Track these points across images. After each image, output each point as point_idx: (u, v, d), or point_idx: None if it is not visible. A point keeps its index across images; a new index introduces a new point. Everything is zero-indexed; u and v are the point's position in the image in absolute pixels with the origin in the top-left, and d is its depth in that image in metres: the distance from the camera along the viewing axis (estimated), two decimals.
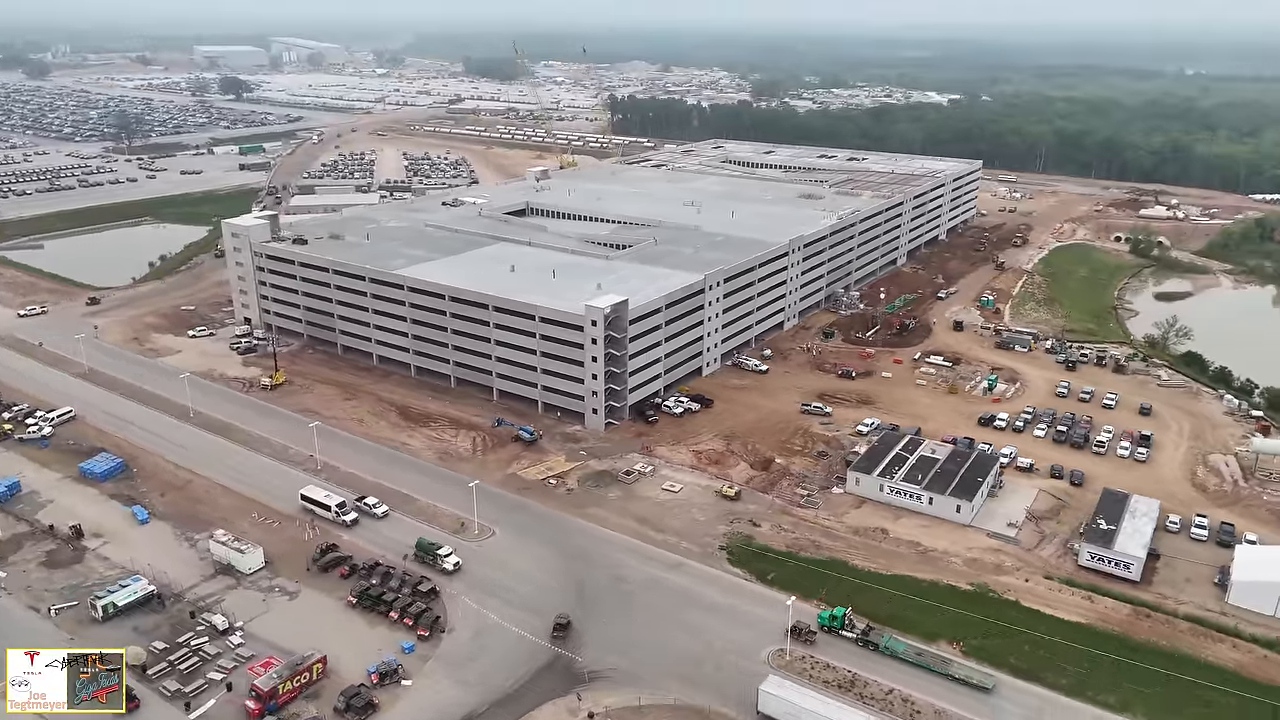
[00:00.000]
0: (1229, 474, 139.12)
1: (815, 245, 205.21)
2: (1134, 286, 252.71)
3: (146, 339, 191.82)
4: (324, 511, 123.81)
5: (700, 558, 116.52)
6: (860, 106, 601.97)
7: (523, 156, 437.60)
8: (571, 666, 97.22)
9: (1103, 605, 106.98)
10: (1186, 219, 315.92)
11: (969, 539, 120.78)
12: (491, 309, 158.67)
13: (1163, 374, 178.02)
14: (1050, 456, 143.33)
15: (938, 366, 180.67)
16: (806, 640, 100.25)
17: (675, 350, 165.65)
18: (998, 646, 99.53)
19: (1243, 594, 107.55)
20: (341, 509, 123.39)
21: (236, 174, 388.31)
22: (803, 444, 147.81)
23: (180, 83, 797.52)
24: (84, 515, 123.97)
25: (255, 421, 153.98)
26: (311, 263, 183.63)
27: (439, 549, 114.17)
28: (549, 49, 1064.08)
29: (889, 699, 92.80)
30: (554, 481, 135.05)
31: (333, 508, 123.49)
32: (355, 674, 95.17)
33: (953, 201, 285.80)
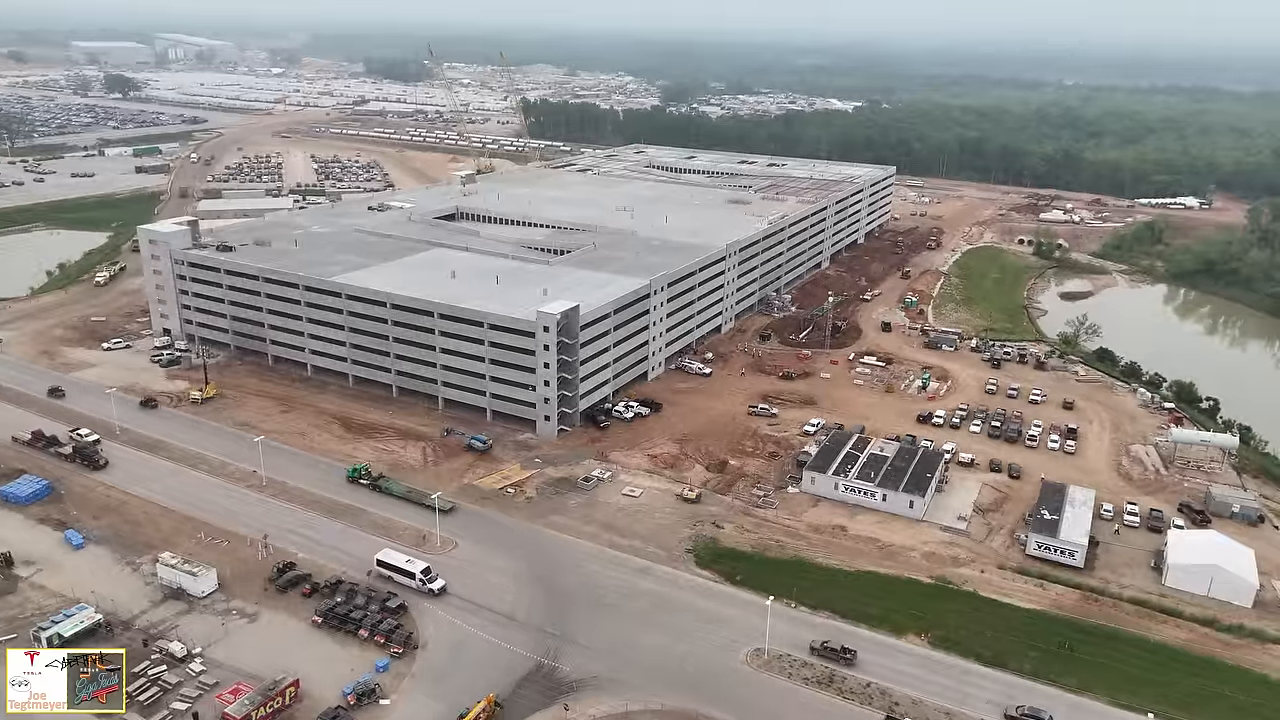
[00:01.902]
0: (1150, 463, 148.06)
1: (750, 249, 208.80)
2: (1040, 286, 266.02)
3: (57, 353, 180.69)
4: (405, 579, 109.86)
5: (668, 561, 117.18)
6: (768, 113, 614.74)
7: (437, 159, 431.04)
8: (554, 676, 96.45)
9: (1054, 592, 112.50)
10: (1082, 222, 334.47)
11: (923, 533, 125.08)
12: (437, 316, 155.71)
13: (1079, 370, 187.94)
14: (988, 451, 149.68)
15: (872, 367, 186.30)
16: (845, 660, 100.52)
17: (623, 355, 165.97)
18: (964, 636, 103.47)
19: (1178, 577, 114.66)
20: (427, 575, 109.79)
21: (133, 176, 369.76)
22: (753, 445, 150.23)
23: (59, 80, 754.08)
24: (11, 541, 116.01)
25: (189, 437, 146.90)
26: (239, 271, 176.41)
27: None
28: (450, 50, 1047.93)
29: (867, 691, 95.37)
30: (512, 490, 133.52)
31: (416, 574, 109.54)
32: (330, 696, 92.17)
33: (870, 206, 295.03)
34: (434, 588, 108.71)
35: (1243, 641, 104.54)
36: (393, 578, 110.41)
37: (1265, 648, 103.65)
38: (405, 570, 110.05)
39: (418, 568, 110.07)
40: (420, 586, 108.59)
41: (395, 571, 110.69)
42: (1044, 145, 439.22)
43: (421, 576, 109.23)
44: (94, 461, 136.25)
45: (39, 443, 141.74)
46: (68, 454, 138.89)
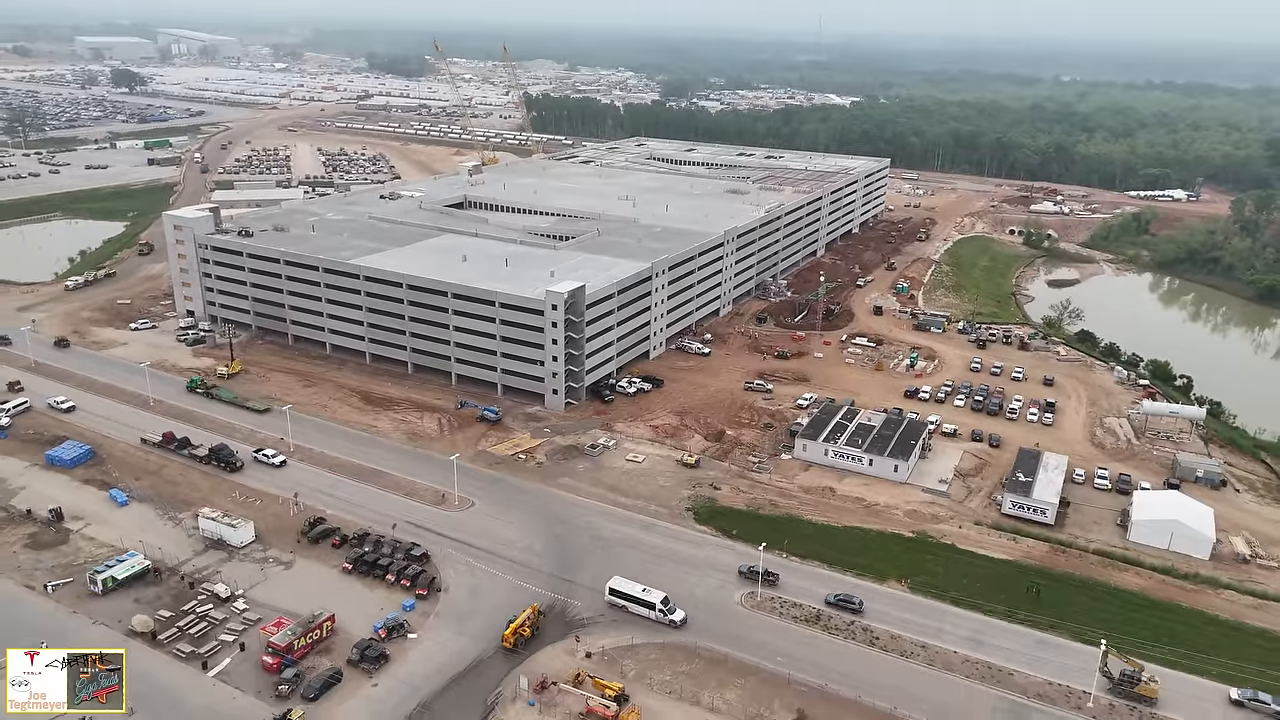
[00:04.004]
0: (1123, 434, 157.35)
1: (747, 236, 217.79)
2: (1029, 275, 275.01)
3: (88, 333, 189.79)
4: (642, 609, 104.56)
5: (669, 518, 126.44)
6: (767, 108, 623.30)
7: (441, 152, 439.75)
8: (565, 614, 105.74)
9: (1025, 545, 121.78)
10: (1072, 214, 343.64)
11: (906, 495, 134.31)
12: (450, 296, 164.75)
13: (1061, 350, 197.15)
14: (970, 423, 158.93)
15: (863, 347, 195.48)
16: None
17: (627, 334, 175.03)
18: (941, 582, 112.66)
19: (1141, 532, 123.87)
20: (666, 605, 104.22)
21: (146, 169, 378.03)
22: (749, 417, 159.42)
23: (66, 75, 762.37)
24: (60, 499, 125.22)
25: (218, 408, 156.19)
26: (261, 254, 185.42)
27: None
28: (451, 46, 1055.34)
29: (850, 628, 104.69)
30: (524, 456, 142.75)
31: (656, 605, 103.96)
32: (362, 631, 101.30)
33: (865, 197, 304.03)
34: (675, 619, 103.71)
35: (1197, 587, 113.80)
36: (627, 608, 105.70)
37: (1218, 593, 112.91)
38: (643, 600, 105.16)
39: (656, 598, 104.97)
40: (661, 618, 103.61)
41: (630, 601, 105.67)
42: (1037, 139, 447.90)
43: (661, 607, 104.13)
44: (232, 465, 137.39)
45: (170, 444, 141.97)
46: (203, 454, 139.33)
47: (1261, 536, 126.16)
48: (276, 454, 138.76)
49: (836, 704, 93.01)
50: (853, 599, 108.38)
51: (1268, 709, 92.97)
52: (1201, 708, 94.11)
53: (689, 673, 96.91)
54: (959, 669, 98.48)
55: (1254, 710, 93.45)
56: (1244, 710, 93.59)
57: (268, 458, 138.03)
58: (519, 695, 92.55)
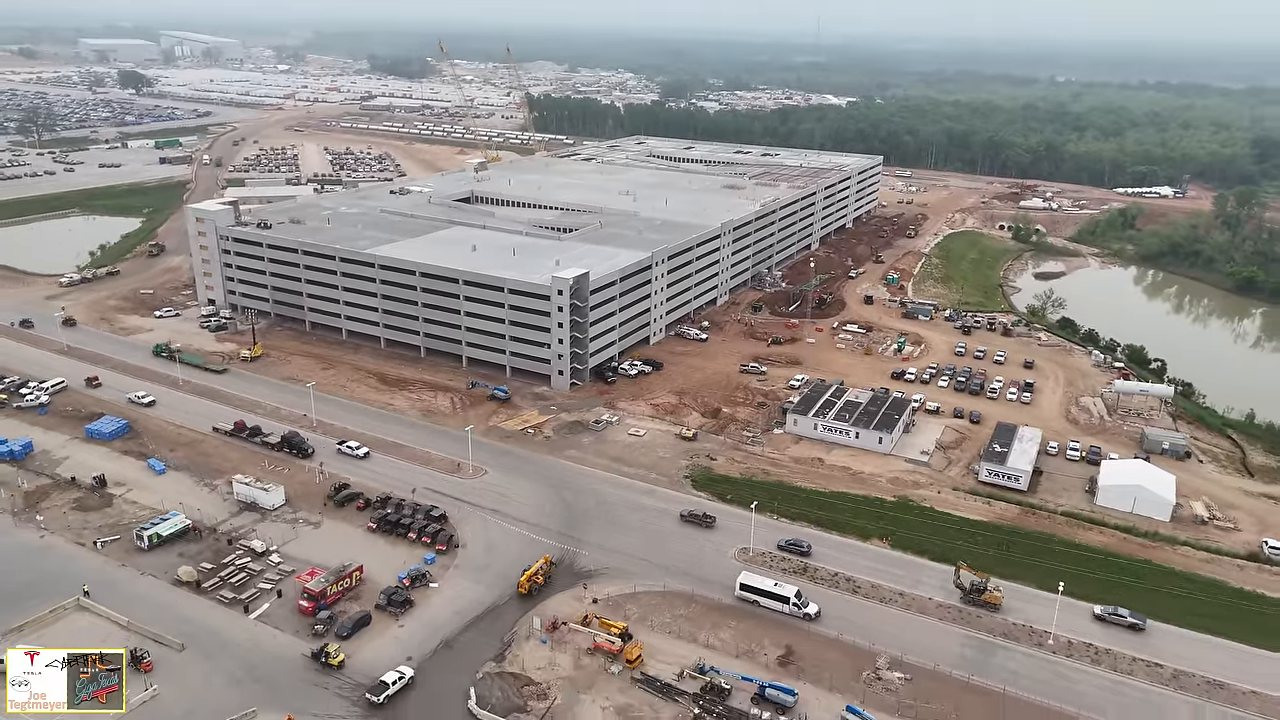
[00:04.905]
0: (1096, 411, 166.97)
1: (743, 229, 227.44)
2: (1016, 267, 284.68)
3: (115, 320, 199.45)
4: (776, 604, 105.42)
5: (669, 485, 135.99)
6: (764, 108, 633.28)
7: (445, 151, 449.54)
8: (573, 567, 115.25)
9: (999, 507, 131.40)
10: (1060, 210, 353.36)
11: (890, 465, 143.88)
12: (461, 283, 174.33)
13: (1042, 336, 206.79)
14: (952, 402, 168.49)
15: (854, 333, 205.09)
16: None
17: (628, 320, 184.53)
18: (919, 539, 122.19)
19: (1107, 496, 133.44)
20: (800, 599, 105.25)
21: (158, 167, 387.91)
22: (744, 397, 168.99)
23: (72, 76, 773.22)
24: (102, 468, 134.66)
25: (244, 388, 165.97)
26: (281, 245, 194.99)
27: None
28: (452, 47, 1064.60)
29: (835, 579, 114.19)
30: (532, 431, 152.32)
31: (790, 599, 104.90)
32: (388, 580, 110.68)
33: (858, 193, 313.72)
34: (809, 612, 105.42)
35: (1156, 544, 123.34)
36: (758, 602, 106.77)
37: (1175, 549, 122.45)
38: (777, 595, 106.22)
39: (790, 592, 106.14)
40: (795, 611, 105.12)
41: (762, 595, 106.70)
42: (1029, 138, 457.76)
43: (795, 600, 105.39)
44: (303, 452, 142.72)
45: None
46: (276, 443, 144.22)
47: (1220, 502, 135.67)
48: (360, 446, 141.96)
49: (820, 642, 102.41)
50: (801, 543, 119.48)
51: (1124, 621, 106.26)
52: (1070, 621, 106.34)
53: (687, 616, 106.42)
54: (933, 613, 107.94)
55: (1113, 623, 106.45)
56: (1105, 624, 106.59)
57: (351, 450, 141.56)
58: (532, 634, 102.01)
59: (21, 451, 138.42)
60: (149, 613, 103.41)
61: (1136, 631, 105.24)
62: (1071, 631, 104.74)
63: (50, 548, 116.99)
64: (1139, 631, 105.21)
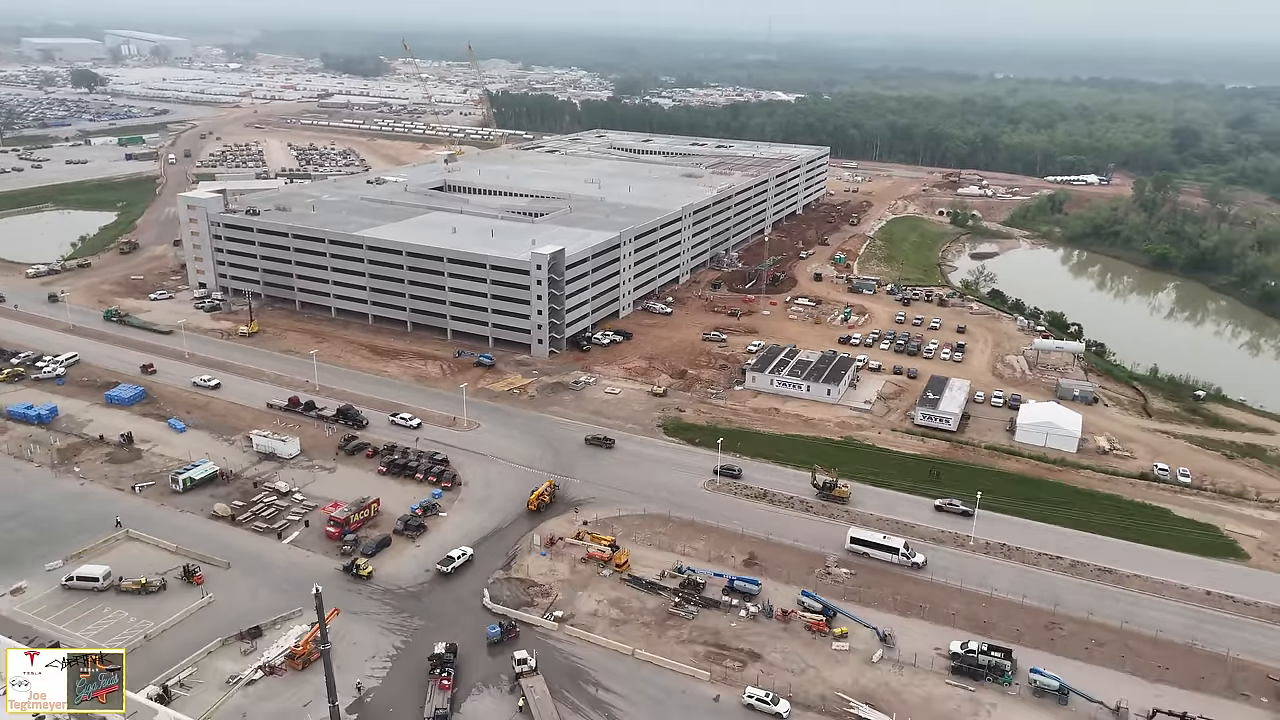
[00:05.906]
0: (1019, 367, 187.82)
1: (702, 213, 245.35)
2: (954, 249, 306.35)
3: (112, 302, 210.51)
4: (885, 554, 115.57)
5: (643, 432, 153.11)
6: (717, 104, 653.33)
7: (407, 147, 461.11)
8: (564, 498, 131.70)
9: (931, 443, 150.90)
10: (995, 196, 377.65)
11: (837, 412, 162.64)
12: (446, 261, 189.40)
13: (974, 306, 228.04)
14: (892, 361, 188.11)
15: (805, 306, 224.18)
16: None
17: (600, 294, 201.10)
18: (860, 469, 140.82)
19: (1024, 433, 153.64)
20: (908, 549, 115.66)
21: (125, 163, 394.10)
22: (707, 360, 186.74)
23: (20, 76, 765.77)
24: (127, 427, 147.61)
25: (246, 359, 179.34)
26: (271, 229, 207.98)
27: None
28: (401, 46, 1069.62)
29: (790, 502, 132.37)
30: (517, 391, 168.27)
31: (899, 549, 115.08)
32: (401, 512, 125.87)
33: (807, 181, 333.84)
34: (917, 561, 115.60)
35: (1062, 469, 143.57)
36: (868, 554, 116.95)
37: (1077, 472, 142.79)
38: (886, 546, 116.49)
39: (898, 543, 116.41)
40: (904, 560, 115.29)
41: (872, 547, 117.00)
42: (966, 131, 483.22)
43: (904, 551, 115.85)
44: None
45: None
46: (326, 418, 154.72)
47: (1121, 437, 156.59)
48: (412, 417, 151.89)
49: (778, 549, 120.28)
50: (733, 468, 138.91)
51: (956, 509, 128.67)
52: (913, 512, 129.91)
53: (665, 532, 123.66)
54: (875, 526, 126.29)
55: (948, 511, 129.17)
56: (943, 512, 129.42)
57: (404, 421, 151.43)
58: (533, 548, 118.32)
59: (49, 415, 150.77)
60: (192, 541, 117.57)
61: (967, 517, 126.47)
62: (916, 519, 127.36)
63: (90, 494, 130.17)
64: (969, 517, 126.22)
